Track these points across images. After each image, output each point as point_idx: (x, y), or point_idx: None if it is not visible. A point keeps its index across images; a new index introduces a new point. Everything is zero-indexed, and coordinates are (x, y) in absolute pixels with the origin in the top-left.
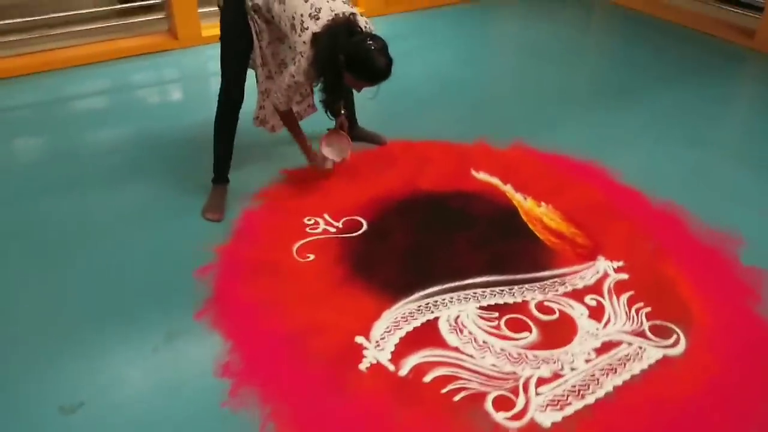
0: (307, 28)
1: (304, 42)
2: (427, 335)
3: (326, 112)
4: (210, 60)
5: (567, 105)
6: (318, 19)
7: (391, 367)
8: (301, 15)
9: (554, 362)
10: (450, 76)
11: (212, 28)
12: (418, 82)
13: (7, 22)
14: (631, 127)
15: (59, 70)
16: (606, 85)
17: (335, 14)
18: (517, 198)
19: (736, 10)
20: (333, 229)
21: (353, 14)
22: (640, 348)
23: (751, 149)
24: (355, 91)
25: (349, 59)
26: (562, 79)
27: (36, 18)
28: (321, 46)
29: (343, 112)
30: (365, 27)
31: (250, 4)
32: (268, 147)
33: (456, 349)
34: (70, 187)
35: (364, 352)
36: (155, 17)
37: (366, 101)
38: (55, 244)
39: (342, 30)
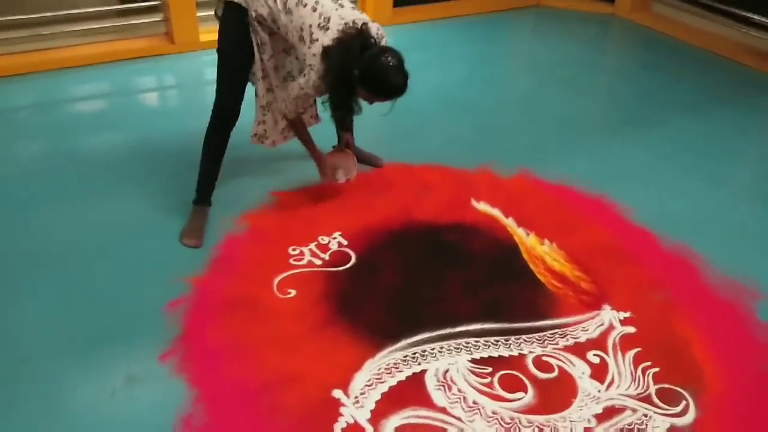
0: (316, 40)
1: (314, 54)
2: (412, 391)
3: (336, 126)
4: (207, 66)
5: (578, 132)
6: (327, 29)
7: (370, 429)
8: (310, 26)
9: (550, 429)
10: (455, 95)
11: (210, 33)
12: (421, 101)
13: (3, 18)
14: (645, 160)
15: (54, 71)
16: (620, 111)
17: (345, 23)
18: (519, 233)
19: (757, 34)
20: (319, 262)
21: (365, 23)
22: (645, 416)
23: None
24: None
25: (363, 75)
26: (574, 104)
27: (33, 15)
28: (333, 61)
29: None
30: (377, 35)
31: (253, 14)
32: (259, 164)
33: (443, 410)
34: (45, 202)
35: (341, 410)
36: (153, 20)
37: (363, 119)
38: (19, 266)
39: (355, 43)
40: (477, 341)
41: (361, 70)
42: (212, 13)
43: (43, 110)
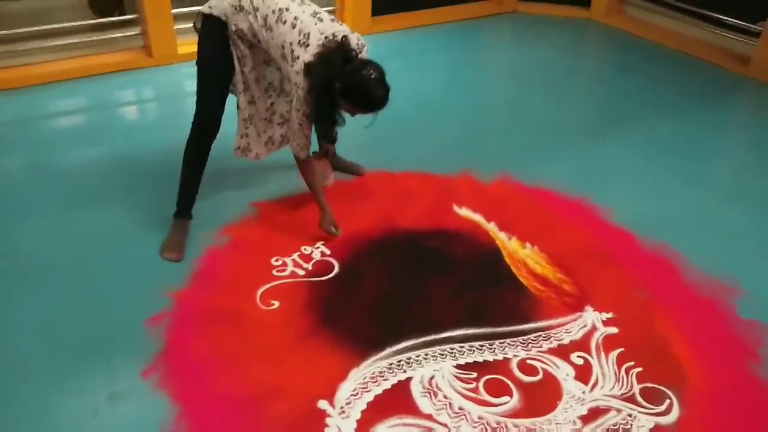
0: (297, 57)
1: (297, 72)
2: (397, 399)
3: (320, 139)
4: (185, 78)
5: (557, 135)
6: (308, 46)
7: None
8: (290, 43)
9: None
10: (435, 102)
11: (188, 46)
12: (401, 108)
13: None
14: (624, 161)
15: (32, 87)
16: (599, 113)
17: (325, 38)
18: (501, 238)
19: (730, 35)
20: (302, 272)
21: (345, 36)
22: (630, 416)
23: (749, 186)
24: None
25: (345, 88)
26: (553, 108)
27: (10, 31)
28: (315, 76)
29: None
30: (357, 45)
31: (233, 28)
32: (239, 175)
33: (429, 417)
34: (25, 217)
35: (327, 420)
36: (131, 33)
37: (343, 128)
38: None
39: (336, 55)
40: (462, 347)
41: (343, 83)
42: (190, 25)
43: (22, 126)
